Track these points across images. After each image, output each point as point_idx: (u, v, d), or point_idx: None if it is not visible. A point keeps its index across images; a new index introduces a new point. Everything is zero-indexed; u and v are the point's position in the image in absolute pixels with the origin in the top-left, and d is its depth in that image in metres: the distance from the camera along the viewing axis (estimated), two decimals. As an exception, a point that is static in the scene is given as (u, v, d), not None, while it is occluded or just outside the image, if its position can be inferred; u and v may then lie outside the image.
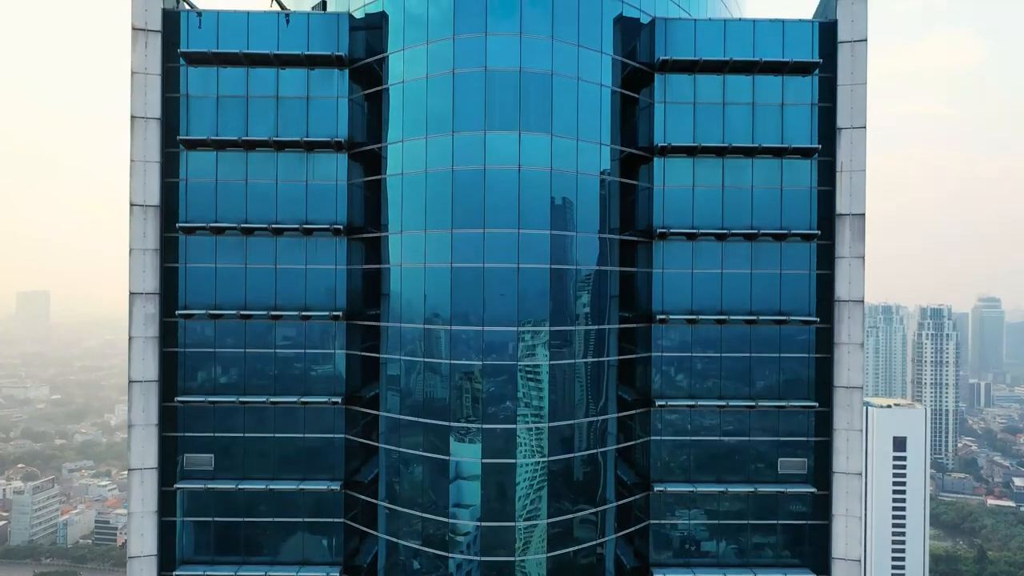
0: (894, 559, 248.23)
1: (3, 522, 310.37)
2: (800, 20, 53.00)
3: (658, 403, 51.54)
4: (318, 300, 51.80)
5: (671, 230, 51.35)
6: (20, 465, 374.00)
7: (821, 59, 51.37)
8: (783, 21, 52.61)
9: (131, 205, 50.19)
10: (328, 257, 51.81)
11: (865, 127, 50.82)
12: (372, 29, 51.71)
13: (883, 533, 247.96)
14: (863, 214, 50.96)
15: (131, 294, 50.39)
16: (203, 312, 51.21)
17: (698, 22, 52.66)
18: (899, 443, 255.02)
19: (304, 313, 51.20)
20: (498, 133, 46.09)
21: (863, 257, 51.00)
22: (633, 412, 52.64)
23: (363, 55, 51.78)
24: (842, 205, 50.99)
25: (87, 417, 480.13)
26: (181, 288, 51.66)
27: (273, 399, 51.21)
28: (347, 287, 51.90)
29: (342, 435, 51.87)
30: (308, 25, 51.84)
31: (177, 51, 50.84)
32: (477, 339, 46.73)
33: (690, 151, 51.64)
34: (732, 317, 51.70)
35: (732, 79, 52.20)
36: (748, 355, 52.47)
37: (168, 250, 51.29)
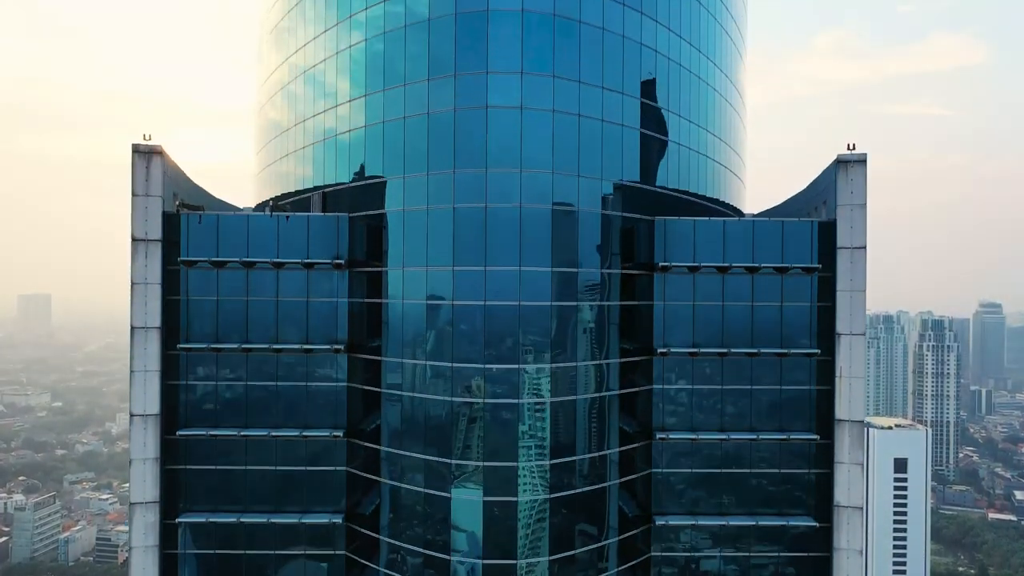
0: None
1: (4, 538, 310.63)
2: (799, 220, 53.20)
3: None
4: (316, 506, 52.06)
5: (670, 436, 51.68)
6: (21, 477, 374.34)
7: (820, 263, 51.48)
8: (783, 221, 52.85)
9: (131, 415, 50.35)
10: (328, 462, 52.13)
11: (864, 333, 50.93)
12: (373, 217, 51.74)
13: (884, 550, 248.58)
14: (862, 421, 51.11)
15: (131, 504, 50.58)
16: (203, 519, 51.45)
17: (697, 222, 52.77)
18: (900, 464, 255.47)
19: (303, 520, 51.47)
20: (497, 367, 46.23)
21: (862, 464, 51.23)
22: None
23: (364, 255, 51.85)
24: (841, 411, 51.14)
25: (88, 426, 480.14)
26: (181, 493, 51.85)
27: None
28: (346, 489, 52.14)
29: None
30: (308, 226, 51.85)
31: (178, 258, 50.76)
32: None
33: (691, 354, 51.76)
34: (731, 522, 51.93)
35: (732, 278, 52.21)
36: (748, 554, 52.73)
37: (168, 454, 51.37)
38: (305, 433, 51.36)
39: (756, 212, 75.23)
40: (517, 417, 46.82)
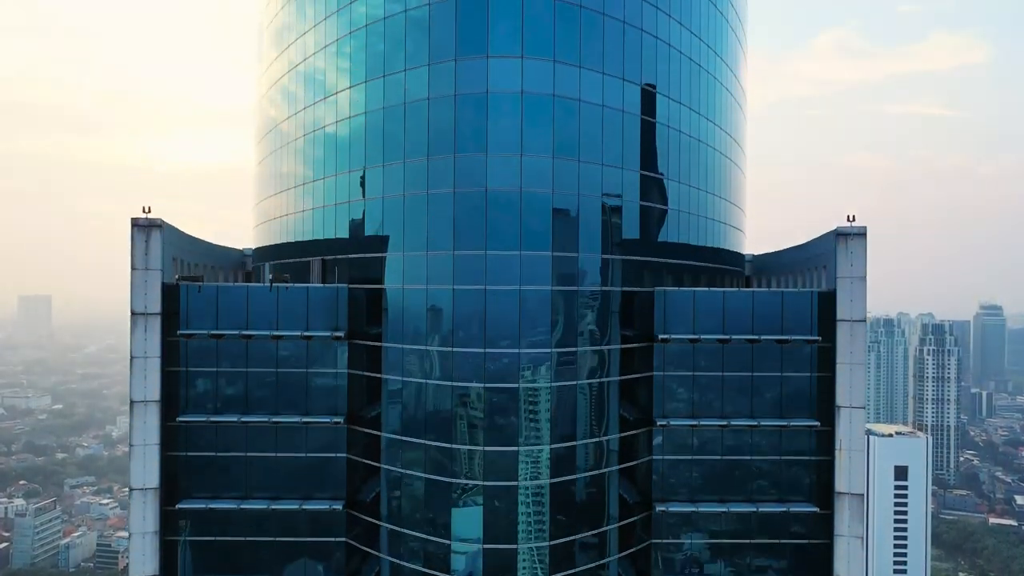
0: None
1: (5, 544, 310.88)
2: (799, 291, 53.31)
3: None
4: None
5: (670, 509, 51.77)
6: (22, 482, 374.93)
7: (820, 335, 51.46)
8: (783, 292, 53.10)
9: (131, 489, 50.36)
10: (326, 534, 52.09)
11: (863, 407, 50.90)
12: (373, 290, 51.70)
13: (884, 556, 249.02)
14: (861, 494, 51.11)
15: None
16: (204, 592, 51.64)
17: (697, 292, 52.83)
18: (900, 472, 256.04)
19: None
20: (496, 449, 46.30)
21: (861, 537, 51.24)
22: None
23: (364, 326, 51.83)
24: (841, 484, 51.13)
25: (89, 429, 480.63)
26: (180, 564, 51.86)
27: None
28: (345, 563, 52.15)
29: None
30: (307, 297, 51.74)
31: (177, 330, 50.71)
32: None
33: (691, 426, 51.89)
34: (731, 592, 52.03)
35: (731, 347, 52.19)
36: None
37: (167, 527, 51.38)
38: (305, 506, 51.36)
39: (756, 253, 75.30)
40: (515, 501, 46.81)
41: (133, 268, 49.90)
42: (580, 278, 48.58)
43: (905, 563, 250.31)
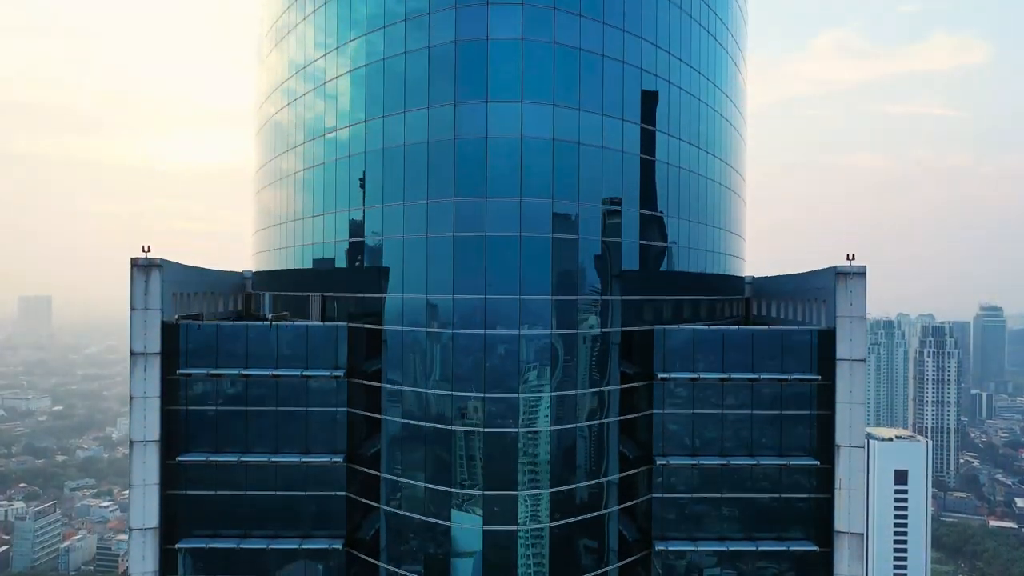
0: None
1: (5, 547, 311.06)
2: (798, 329, 53.18)
3: None
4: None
5: (670, 547, 51.81)
6: (22, 484, 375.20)
7: (820, 374, 51.46)
8: (782, 331, 52.87)
9: (130, 529, 50.39)
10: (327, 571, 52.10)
11: (863, 446, 50.85)
12: (373, 330, 51.65)
13: (885, 560, 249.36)
14: (861, 533, 51.12)
15: (131, 616, 50.72)
16: (203, 632, 51.65)
17: (696, 330, 52.84)
18: (900, 476, 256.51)
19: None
20: (495, 493, 46.33)
21: (861, 576, 51.24)
22: None
23: (363, 364, 51.78)
24: (840, 522, 51.17)
25: (89, 430, 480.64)
26: (181, 600, 52.05)
27: None
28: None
29: None
30: (307, 336, 51.81)
31: (177, 370, 50.78)
32: None
33: (692, 465, 51.91)
34: (730, 632, 52.02)
35: (731, 385, 52.22)
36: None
37: (167, 566, 51.41)
38: (304, 545, 51.39)
39: (756, 275, 75.23)
40: (515, 545, 46.81)
41: (133, 309, 49.96)
42: (580, 321, 48.45)
43: (905, 566, 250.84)
